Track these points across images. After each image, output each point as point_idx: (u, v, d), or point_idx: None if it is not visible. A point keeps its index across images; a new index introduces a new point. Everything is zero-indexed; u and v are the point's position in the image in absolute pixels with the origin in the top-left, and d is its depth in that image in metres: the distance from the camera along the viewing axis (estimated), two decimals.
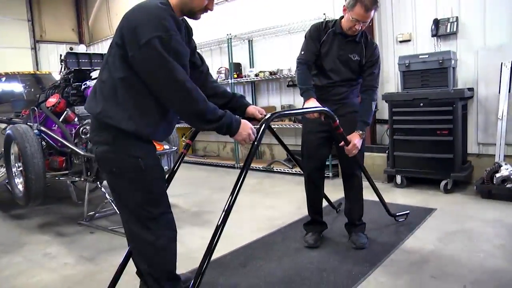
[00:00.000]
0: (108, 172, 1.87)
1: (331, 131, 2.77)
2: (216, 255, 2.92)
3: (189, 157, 7.46)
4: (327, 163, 5.24)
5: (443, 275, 2.45)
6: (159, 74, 1.66)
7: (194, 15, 1.85)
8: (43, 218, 4.14)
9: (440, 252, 2.79)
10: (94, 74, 4.43)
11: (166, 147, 3.70)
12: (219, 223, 1.84)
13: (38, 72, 5.38)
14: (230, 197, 1.87)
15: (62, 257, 3.10)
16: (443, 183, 4.26)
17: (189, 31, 1.98)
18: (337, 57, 2.82)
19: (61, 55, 3.88)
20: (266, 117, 2.02)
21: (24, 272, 2.86)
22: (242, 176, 1.89)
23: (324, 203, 3.62)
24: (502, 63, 4.12)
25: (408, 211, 3.51)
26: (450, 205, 3.87)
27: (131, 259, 2.10)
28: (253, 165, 6.33)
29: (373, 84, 2.87)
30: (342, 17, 2.78)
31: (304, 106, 2.73)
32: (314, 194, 3.07)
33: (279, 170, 5.86)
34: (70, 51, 4.06)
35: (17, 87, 5.14)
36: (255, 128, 1.94)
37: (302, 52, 2.87)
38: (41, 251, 3.24)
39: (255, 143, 1.92)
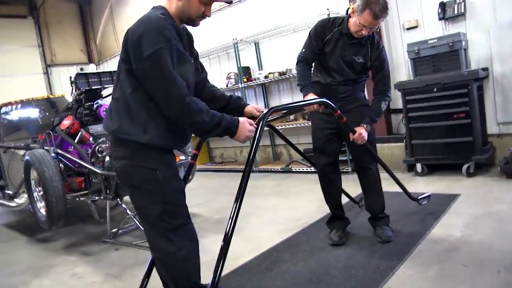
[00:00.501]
0: (128, 186, 1.91)
1: (338, 126, 2.80)
2: (242, 260, 2.93)
3: (207, 165, 7.50)
4: (345, 157, 5.20)
5: (474, 262, 2.37)
6: (160, 86, 1.69)
7: (193, 22, 1.87)
8: (68, 239, 4.19)
9: (469, 238, 2.72)
10: (105, 92, 4.48)
11: (182, 157, 3.71)
12: (227, 230, 1.82)
13: (51, 96, 5.46)
14: (235, 203, 1.86)
15: (89, 276, 3.13)
16: (465, 167, 4.16)
17: (190, 38, 2.00)
18: (341, 57, 2.78)
19: (70, 77, 3.94)
20: (263, 113, 2.01)
21: None
22: (245, 179, 1.89)
23: (346, 199, 3.60)
24: None
25: (429, 193, 3.43)
26: (474, 189, 3.78)
27: (155, 270, 2.10)
28: (271, 167, 6.32)
29: (385, 88, 2.87)
30: (349, 16, 2.72)
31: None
32: (330, 189, 3.04)
33: (298, 170, 5.82)
34: (80, 72, 4.08)
35: (32, 113, 5.23)
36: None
37: (303, 50, 2.86)
38: (68, 272, 3.27)
39: (255, 141, 1.93)
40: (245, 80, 6.51)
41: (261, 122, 1.99)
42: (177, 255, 1.89)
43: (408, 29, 4.84)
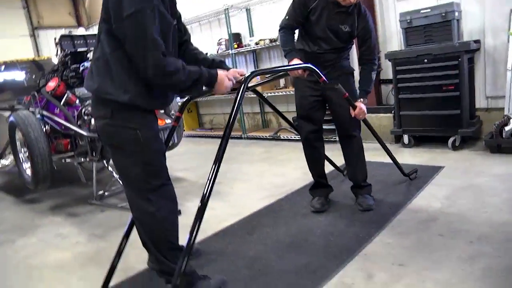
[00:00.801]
0: (109, 145, 1.95)
1: (322, 93, 2.82)
2: (223, 224, 2.98)
3: (197, 131, 7.49)
4: (332, 126, 5.20)
5: (450, 232, 2.43)
6: (138, 47, 1.66)
7: None
8: (55, 200, 4.21)
9: (448, 210, 2.77)
10: (91, 55, 4.39)
11: (168, 121, 3.69)
12: (205, 191, 1.87)
13: (36, 58, 5.35)
14: (214, 165, 1.90)
15: (74, 236, 3.17)
16: (451, 140, 4.19)
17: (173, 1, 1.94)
18: (327, 26, 2.73)
19: (55, 39, 3.85)
20: (245, 76, 2.01)
21: (39, 252, 2.94)
22: (225, 141, 1.93)
23: (331, 167, 3.63)
24: (510, 9, 3.95)
25: (416, 169, 3.49)
26: (459, 162, 3.82)
27: (135, 229, 2.13)
28: (260, 134, 6.33)
29: (372, 57, 2.88)
30: None
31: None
32: (314, 156, 3.06)
33: (286, 138, 5.83)
34: (65, 33, 3.98)
35: (17, 75, 5.14)
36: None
37: (286, 17, 2.82)
38: (54, 232, 3.32)
39: (235, 105, 1.94)
40: (235, 46, 6.40)
41: (243, 85, 1.99)
42: (156, 215, 1.92)
43: None
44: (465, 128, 4.09)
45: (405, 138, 4.54)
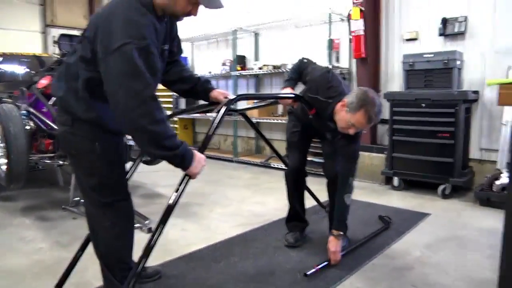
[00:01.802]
0: (67, 153, 1.93)
1: (309, 127, 2.75)
2: (192, 248, 2.86)
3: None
4: (320, 160, 5.10)
5: (424, 284, 2.31)
6: (123, 81, 1.51)
7: (177, 18, 1.78)
8: (30, 201, 4.10)
9: (426, 260, 2.65)
10: None
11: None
12: (158, 224, 1.70)
13: (37, 54, 5.33)
14: (175, 196, 1.71)
15: (38, 241, 3.04)
16: (441, 187, 4.09)
17: (172, 22, 1.87)
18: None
19: (54, 37, 3.83)
20: (229, 99, 1.94)
21: None
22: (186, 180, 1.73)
23: (313, 202, 3.51)
24: (508, 66, 3.93)
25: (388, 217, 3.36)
26: (446, 211, 3.71)
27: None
28: (251, 159, 6.25)
29: (347, 173, 2.54)
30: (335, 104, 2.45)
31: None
32: (295, 188, 2.95)
33: (276, 166, 5.73)
34: (64, 33, 3.96)
35: (15, 68, 5.11)
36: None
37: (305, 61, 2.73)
38: (19, 235, 3.18)
39: (212, 127, 1.85)
40: (238, 68, 6.41)
41: (225, 108, 1.92)
42: (110, 231, 1.84)
43: (407, 40, 4.74)
44: (457, 178, 4.00)
45: (395, 181, 4.44)
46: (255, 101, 3.80)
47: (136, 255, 1.81)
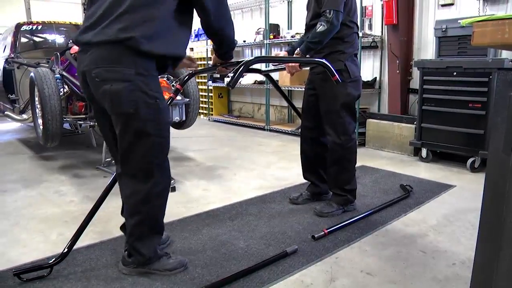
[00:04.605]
0: (121, 113, 1.72)
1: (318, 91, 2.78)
2: (210, 206, 2.98)
3: (224, 116, 7.52)
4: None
5: (433, 251, 2.31)
6: None
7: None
8: (67, 160, 4.37)
9: (442, 228, 2.63)
10: None
11: (179, 97, 3.72)
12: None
13: (73, 23, 5.52)
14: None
15: (70, 195, 3.27)
16: (470, 160, 3.98)
17: None
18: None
19: (83, 2, 3.95)
20: (247, 60, 2.03)
21: (33, 204, 3.06)
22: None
23: None
24: None
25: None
26: (472, 184, 3.61)
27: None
28: (281, 127, 6.28)
29: (324, 9, 2.51)
30: None
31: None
32: (306, 154, 3.02)
33: None
34: None
35: (51, 35, 5.36)
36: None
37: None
38: (54, 188, 3.44)
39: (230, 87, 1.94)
40: (271, 37, 6.37)
41: (242, 67, 1.97)
42: (153, 190, 1.83)
43: (443, 5, 4.52)
44: (487, 150, 3.85)
45: (423, 152, 4.35)
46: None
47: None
